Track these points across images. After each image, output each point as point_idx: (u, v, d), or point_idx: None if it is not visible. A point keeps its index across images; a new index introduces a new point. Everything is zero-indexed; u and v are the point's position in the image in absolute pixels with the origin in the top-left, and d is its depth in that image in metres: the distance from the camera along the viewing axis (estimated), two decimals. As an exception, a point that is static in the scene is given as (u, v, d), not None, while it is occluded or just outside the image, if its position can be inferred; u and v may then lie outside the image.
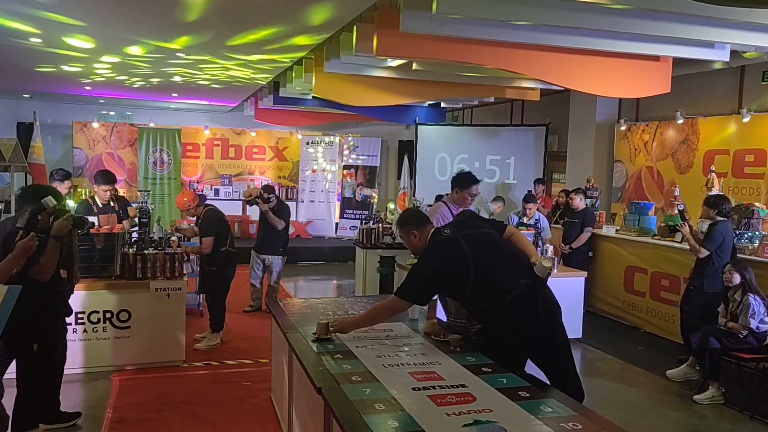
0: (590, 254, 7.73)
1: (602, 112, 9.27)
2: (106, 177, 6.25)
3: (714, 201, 5.66)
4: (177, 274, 5.42)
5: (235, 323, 6.81)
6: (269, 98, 9.58)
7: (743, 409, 4.75)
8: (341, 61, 5.94)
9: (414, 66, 6.25)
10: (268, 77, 8.41)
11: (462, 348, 3.25)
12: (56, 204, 3.54)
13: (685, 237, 5.90)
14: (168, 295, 5.32)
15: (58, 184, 6.14)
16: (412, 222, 3.53)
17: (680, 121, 7.97)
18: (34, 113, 11.42)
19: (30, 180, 10.43)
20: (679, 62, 6.40)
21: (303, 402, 3.31)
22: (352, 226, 12.77)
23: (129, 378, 5.09)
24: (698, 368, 5.26)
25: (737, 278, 4.94)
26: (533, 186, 9.51)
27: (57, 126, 12.50)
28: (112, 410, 4.43)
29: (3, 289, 2.74)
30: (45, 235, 3.41)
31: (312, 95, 8.07)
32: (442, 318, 3.85)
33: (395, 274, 7.04)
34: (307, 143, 13.50)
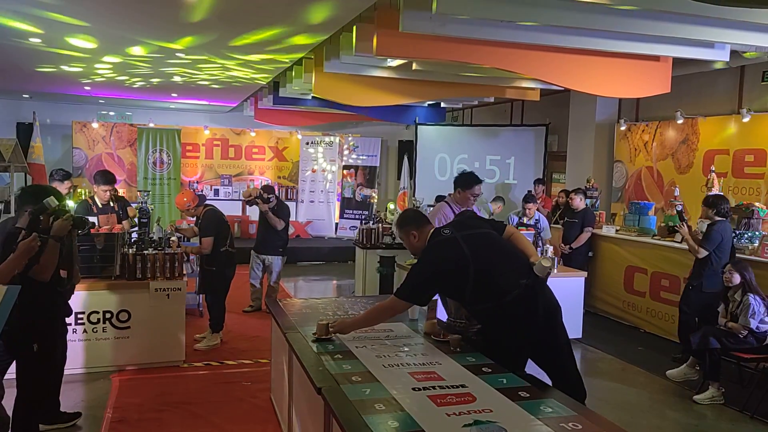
0: (590, 254, 7.73)
1: (602, 112, 9.27)
2: (106, 177, 6.25)
3: (713, 201, 5.67)
4: (177, 275, 5.43)
5: (235, 323, 6.81)
6: (269, 98, 9.58)
7: (743, 409, 4.75)
8: (341, 61, 5.94)
9: (414, 66, 6.24)
10: (268, 77, 8.42)
11: (462, 348, 3.24)
12: (58, 204, 3.54)
13: (684, 237, 5.90)
14: (168, 296, 5.32)
15: (58, 185, 6.14)
16: (411, 222, 3.53)
17: (680, 121, 7.97)
18: (34, 113, 11.43)
19: (30, 180, 10.43)
20: (679, 62, 6.40)
21: (303, 402, 3.31)
22: (352, 227, 12.76)
23: (129, 378, 5.09)
24: (698, 368, 5.26)
25: (737, 278, 4.94)
26: (533, 186, 9.50)
27: (57, 126, 12.50)
28: (112, 410, 4.43)
29: (2, 289, 2.74)
30: (45, 236, 3.41)
31: (312, 95, 8.07)
32: (442, 318, 3.84)
33: (395, 275, 7.03)
34: (307, 143, 13.50)
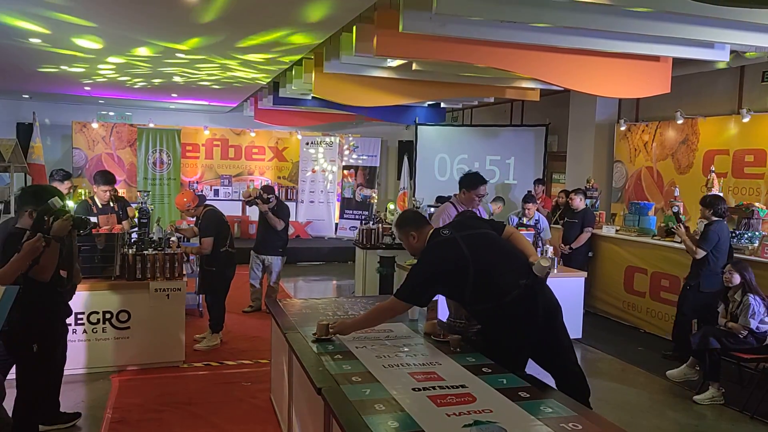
0: (590, 254, 7.73)
1: (602, 113, 9.27)
2: (106, 177, 6.25)
3: (710, 201, 5.70)
4: (177, 275, 5.43)
5: (235, 324, 6.80)
6: (269, 98, 9.59)
7: (743, 410, 4.74)
8: (341, 62, 5.94)
9: (414, 66, 6.24)
10: (269, 77, 8.42)
11: (462, 348, 3.24)
12: (62, 205, 3.56)
13: (681, 238, 5.91)
14: (168, 296, 5.32)
15: (58, 185, 6.12)
16: (410, 223, 3.52)
17: (680, 122, 7.97)
18: (34, 114, 11.44)
19: (30, 180, 10.44)
20: (679, 62, 6.40)
21: (303, 402, 3.31)
22: (352, 227, 12.77)
23: (129, 378, 5.09)
24: (698, 368, 5.26)
25: (737, 278, 4.94)
26: (533, 186, 9.50)
27: (56, 126, 12.50)
28: (112, 411, 4.43)
29: (1, 289, 2.74)
30: (50, 236, 3.42)
31: (312, 95, 8.07)
32: (443, 318, 3.84)
33: (395, 275, 7.03)
34: (307, 144, 13.50)
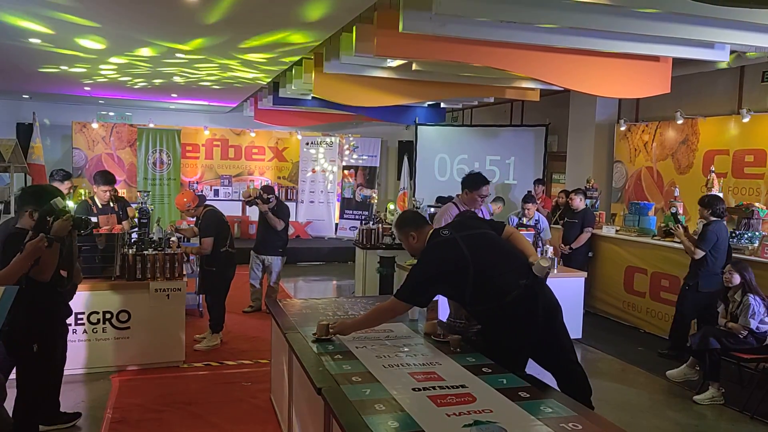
0: (590, 255, 7.73)
1: (602, 113, 9.27)
2: (106, 177, 6.25)
3: (708, 201, 5.71)
4: (177, 275, 5.42)
5: (235, 324, 6.80)
6: (269, 99, 9.58)
7: (743, 410, 4.74)
8: (341, 62, 5.94)
9: (414, 66, 6.24)
10: (269, 77, 8.42)
11: (462, 348, 3.24)
12: (65, 205, 3.57)
13: (680, 239, 5.91)
14: (168, 296, 5.32)
15: (58, 185, 6.11)
16: (410, 224, 3.53)
17: (680, 122, 7.97)
18: (34, 114, 11.44)
19: (30, 181, 10.44)
20: (679, 62, 6.40)
21: (303, 402, 3.31)
22: (352, 227, 12.77)
23: (129, 378, 5.09)
24: (698, 369, 5.26)
25: (737, 278, 4.94)
26: (533, 186, 9.50)
27: (56, 126, 12.50)
28: (112, 411, 4.43)
29: (0, 290, 2.74)
30: (52, 237, 3.43)
31: (312, 96, 8.07)
32: (443, 318, 3.84)
33: (395, 275, 7.03)
34: (307, 144, 13.50)
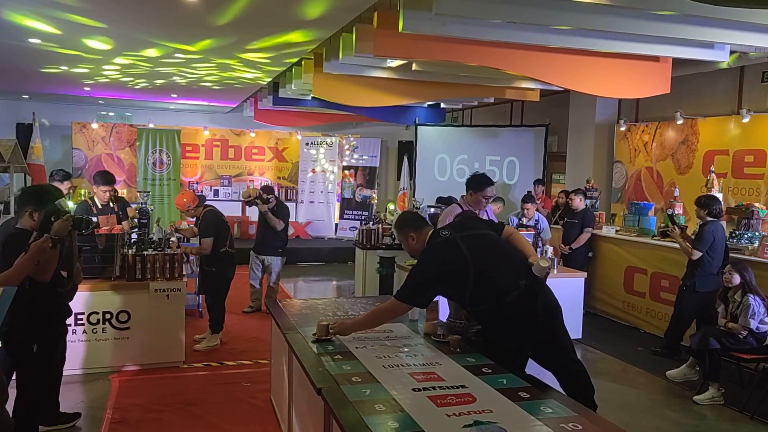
0: (590, 255, 7.73)
1: (602, 113, 9.27)
2: (106, 178, 6.24)
3: (705, 202, 5.72)
4: (176, 275, 5.42)
5: (235, 324, 6.80)
6: (269, 99, 9.58)
7: (743, 410, 4.74)
8: (341, 62, 5.93)
9: (414, 66, 6.24)
10: (269, 77, 8.42)
11: (462, 349, 3.24)
12: (67, 206, 3.58)
13: (676, 240, 5.91)
14: (167, 296, 5.31)
15: (58, 185, 6.10)
16: (410, 224, 3.52)
17: (680, 122, 7.97)
18: (34, 114, 11.44)
19: (29, 181, 10.43)
20: (679, 62, 6.40)
21: (303, 403, 3.31)
22: (352, 227, 12.76)
23: (129, 379, 5.09)
24: (698, 369, 5.26)
25: (737, 279, 4.94)
26: (533, 187, 9.50)
27: (56, 127, 12.50)
28: (112, 411, 4.43)
29: (-1, 290, 2.74)
30: (54, 237, 3.43)
31: (311, 96, 8.07)
32: (443, 318, 3.84)
33: (395, 275, 7.03)
34: (307, 144, 13.50)
